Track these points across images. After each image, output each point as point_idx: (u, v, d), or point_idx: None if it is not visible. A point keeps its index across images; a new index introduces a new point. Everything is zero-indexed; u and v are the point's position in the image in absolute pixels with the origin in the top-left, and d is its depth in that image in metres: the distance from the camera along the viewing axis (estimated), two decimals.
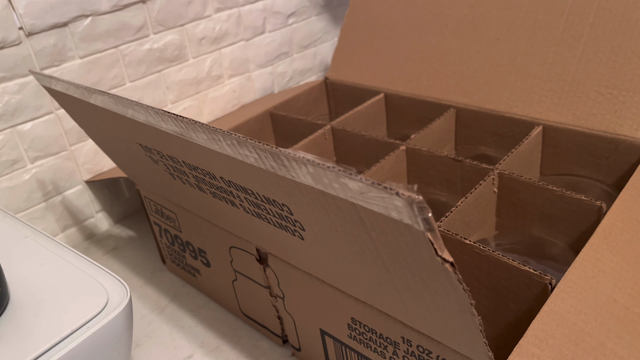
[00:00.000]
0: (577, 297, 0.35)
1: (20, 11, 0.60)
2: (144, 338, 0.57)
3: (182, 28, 0.76)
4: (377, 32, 0.78)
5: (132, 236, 0.76)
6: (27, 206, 0.68)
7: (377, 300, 0.37)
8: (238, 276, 0.53)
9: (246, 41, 0.85)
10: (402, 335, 0.37)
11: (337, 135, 0.68)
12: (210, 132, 0.32)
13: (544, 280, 0.38)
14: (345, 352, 0.45)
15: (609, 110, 0.55)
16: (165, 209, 0.59)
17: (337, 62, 0.82)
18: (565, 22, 0.60)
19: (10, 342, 0.38)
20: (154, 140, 0.41)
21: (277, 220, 0.37)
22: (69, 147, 0.69)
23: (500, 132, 0.64)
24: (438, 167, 0.59)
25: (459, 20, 0.69)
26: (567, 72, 0.59)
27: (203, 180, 0.41)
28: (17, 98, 0.63)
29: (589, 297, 0.35)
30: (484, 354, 0.31)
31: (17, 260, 0.46)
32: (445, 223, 0.47)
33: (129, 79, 0.73)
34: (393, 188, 0.23)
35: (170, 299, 0.63)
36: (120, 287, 0.42)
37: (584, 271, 0.37)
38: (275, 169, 0.30)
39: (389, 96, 0.74)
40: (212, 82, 0.83)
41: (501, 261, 0.40)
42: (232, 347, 0.55)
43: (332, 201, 0.28)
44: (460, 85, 0.67)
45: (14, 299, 0.42)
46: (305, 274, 0.43)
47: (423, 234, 0.24)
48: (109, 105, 0.41)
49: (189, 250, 0.59)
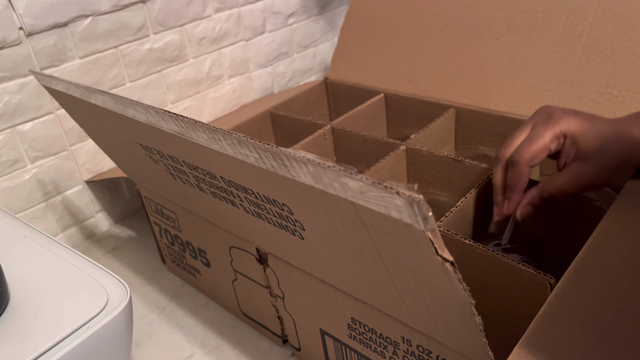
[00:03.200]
0: (577, 297, 0.35)
1: (20, 11, 0.60)
2: (144, 338, 0.57)
3: (182, 28, 0.76)
4: (377, 32, 0.78)
5: (132, 236, 0.76)
6: (27, 206, 0.68)
7: (377, 300, 0.37)
8: (238, 276, 0.53)
9: (246, 41, 0.85)
10: (402, 335, 0.37)
11: (337, 135, 0.68)
12: (210, 131, 0.32)
13: (544, 280, 0.38)
14: (345, 352, 0.45)
15: (609, 110, 0.55)
16: (165, 209, 0.59)
17: (337, 62, 0.82)
18: (565, 22, 0.60)
19: (10, 342, 0.38)
20: (154, 140, 0.41)
21: (277, 220, 0.37)
22: (69, 147, 0.69)
23: (500, 132, 0.64)
24: (438, 167, 0.59)
25: (459, 20, 0.69)
26: (567, 72, 0.59)
27: (203, 180, 0.41)
28: (17, 98, 0.63)
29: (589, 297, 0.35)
30: (484, 354, 0.31)
31: (17, 260, 0.46)
32: (445, 223, 0.47)
33: (129, 79, 0.73)
34: (393, 187, 0.23)
35: (170, 299, 0.63)
36: (120, 287, 0.42)
37: (584, 271, 0.37)
38: (276, 169, 0.30)
39: (389, 96, 0.74)
40: (212, 82, 0.83)
41: (501, 261, 0.41)
42: (232, 347, 0.55)
43: (333, 201, 0.28)
44: (460, 85, 0.67)
45: (14, 299, 0.42)
46: (305, 274, 0.43)
47: (423, 233, 0.24)
48: (109, 105, 0.41)
49: (189, 250, 0.59)
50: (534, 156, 0.43)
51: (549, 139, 0.42)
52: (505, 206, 0.47)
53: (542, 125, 0.43)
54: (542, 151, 0.42)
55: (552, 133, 0.42)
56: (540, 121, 0.43)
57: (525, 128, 0.45)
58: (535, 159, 0.43)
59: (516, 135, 0.45)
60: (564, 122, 0.42)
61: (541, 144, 0.42)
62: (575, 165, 0.43)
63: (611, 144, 0.41)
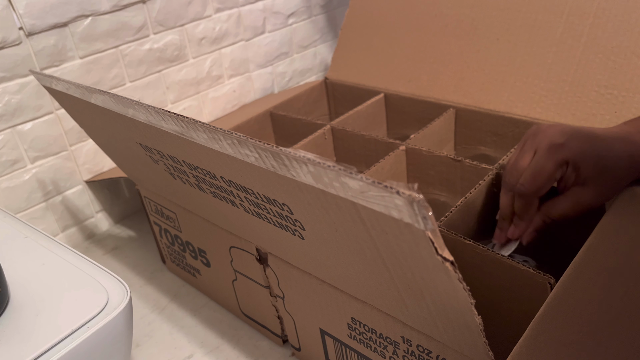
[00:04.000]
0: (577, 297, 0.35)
1: (20, 11, 0.60)
2: (144, 338, 0.57)
3: (182, 28, 0.76)
4: (377, 32, 0.78)
5: (132, 236, 0.76)
6: (27, 206, 0.68)
7: (377, 300, 0.37)
8: (238, 276, 0.53)
9: (246, 41, 0.85)
10: (402, 335, 0.37)
11: (337, 135, 0.68)
12: (210, 131, 0.32)
13: (544, 280, 0.38)
14: (345, 351, 0.45)
15: (609, 110, 0.56)
16: (165, 209, 0.59)
17: (337, 62, 0.82)
18: (564, 23, 0.60)
19: (10, 342, 0.38)
20: (154, 139, 0.41)
21: (277, 219, 0.37)
22: (69, 147, 0.69)
23: (500, 132, 0.64)
24: (438, 167, 0.59)
25: (459, 20, 0.69)
26: (567, 72, 0.59)
27: (203, 179, 0.41)
28: (17, 98, 0.63)
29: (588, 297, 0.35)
30: (484, 353, 0.31)
31: (17, 260, 0.46)
32: (445, 223, 0.47)
33: (129, 79, 0.73)
34: (393, 187, 0.23)
35: (170, 299, 0.63)
36: (120, 287, 0.42)
37: (584, 271, 0.37)
38: (276, 169, 0.30)
39: (388, 96, 0.74)
40: (212, 82, 0.83)
41: (501, 261, 0.41)
42: (232, 347, 0.55)
43: (333, 200, 0.28)
44: (460, 85, 0.67)
45: (14, 299, 0.42)
46: (305, 274, 0.43)
47: (423, 233, 0.24)
48: (109, 105, 0.41)
49: (189, 250, 0.59)
50: (541, 188, 0.43)
51: (554, 169, 0.42)
52: (511, 231, 0.47)
53: (545, 154, 0.42)
54: (548, 182, 0.43)
55: (556, 163, 0.42)
56: (542, 147, 0.43)
57: (526, 153, 0.44)
58: (542, 190, 0.43)
59: (518, 159, 0.45)
60: (566, 149, 0.42)
61: (546, 175, 0.42)
62: (576, 191, 0.43)
63: (611, 169, 0.42)
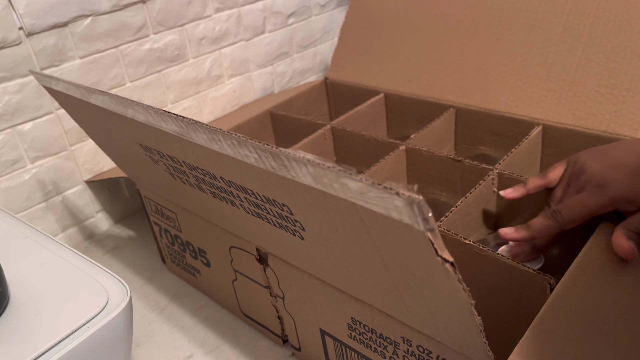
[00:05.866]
0: (577, 297, 0.35)
1: (20, 11, 0.60)
2: (144, 338, 0.57)
3: (182, 28, 0.76)
4: (377, 32, 0.78)
5: (132, 236, 0.76)
6: (27, 206, 0.68)
7: (377, 300, 0.37)
8: (238, 276, 0.53)
9: (246, 41, 0.85)
10: (402, 335, 0.37)
11: (337, 135, 0.68)
12: (210, 132, 0.32)
13: (544, 280, 0.38)
14: (345, 352, 0.45)
15: (608, 111, 0.56)
16: (165, 209, 0.59)
17: (337, 62, 0.82)
18: (565, 22, 0.60)
19: (10, 342, 0.38)
20: (154, 140, 0.41)
21: (277, 220, 0.37)
22: (69, 147, 0.69)
23: (500, 132, 0.64)
24: (438, 167, 0.59)
25: (459, 20, 0.69)
26: (567, 72, 0.59)
27: (203, 180, 0.41)
28: (17, 98, 0.63)
29: (588, 297, 0.35)
30: (484, 354, 0.32)
31: (17, 260, 0.46)
32: (445, 223, 0.47)
33: (129, 79, 0.73)
34: (393, 188, 0.23)
35: (170, 299, 0.63)
36: (120, 287, 0.42)
37: (584, 271, 0.37)
38: (276, 169, 0.30)
39: (388, 96, 0.74)
40: (212, 82, 0.83)
41: (501, 261, 0.41)
42: (232, 347, 0.55)
43: (332, 201, 0.28)
44: (460, 85, 0.67)
45: (14, 299, 0.42)
46: (305, 274, 0.43)
47: (423, 234, 0.24)
48: (109, 105, 0.41)
49: (189, 250, 0.59)
50: (575, 221, 0.42)
51: (595, 210, 0.42)
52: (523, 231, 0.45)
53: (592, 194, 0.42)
54: (583, 219, 0.42)
55: (599, 206, 0.41)
56: (591, 184, 0.42)
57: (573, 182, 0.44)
58: (575, 223, 0.42)
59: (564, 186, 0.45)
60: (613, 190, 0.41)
61: (586, 214, 0.42)
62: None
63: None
